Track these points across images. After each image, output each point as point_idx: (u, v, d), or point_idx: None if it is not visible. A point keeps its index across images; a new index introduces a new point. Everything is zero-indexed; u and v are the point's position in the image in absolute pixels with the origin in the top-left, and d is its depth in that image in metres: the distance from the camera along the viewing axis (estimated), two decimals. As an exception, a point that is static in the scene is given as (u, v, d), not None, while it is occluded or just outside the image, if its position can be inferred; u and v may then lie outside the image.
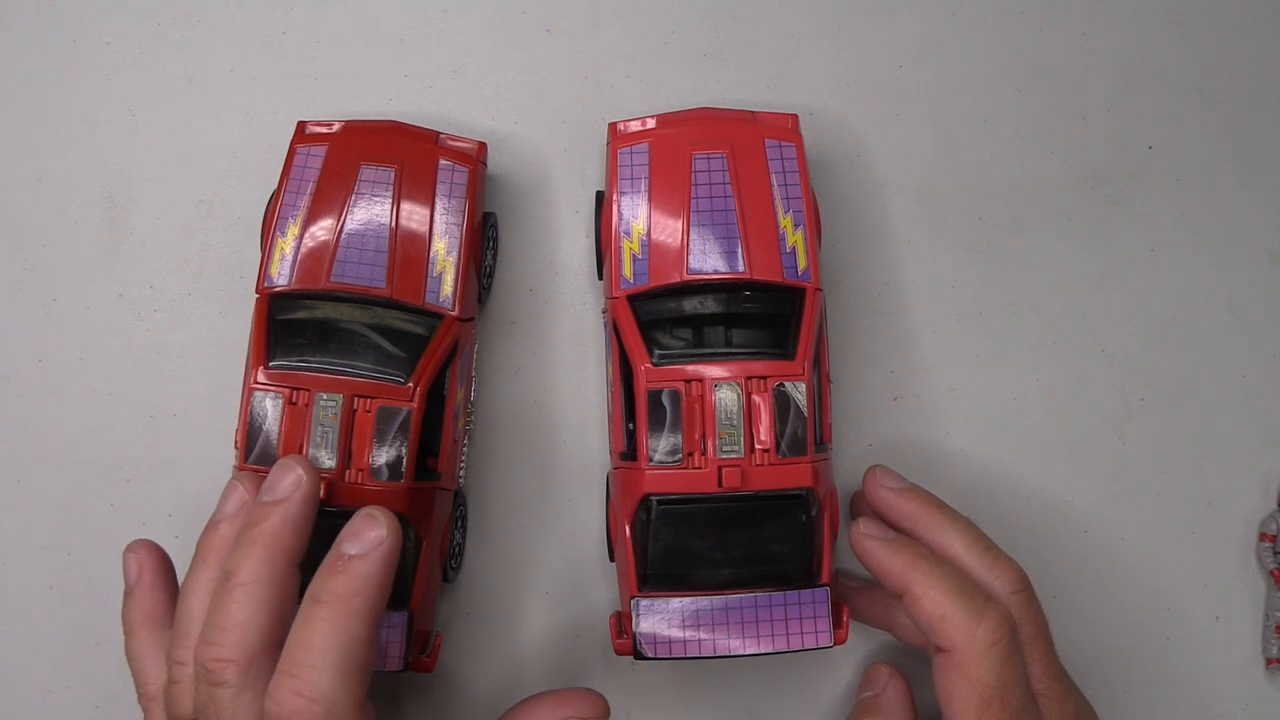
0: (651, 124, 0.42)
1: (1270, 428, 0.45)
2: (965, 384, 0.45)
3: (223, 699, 0.31)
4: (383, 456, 0.37)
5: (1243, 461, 0.45)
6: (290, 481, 0.33)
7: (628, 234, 0.40)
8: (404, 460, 0.37)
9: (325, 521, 0.36)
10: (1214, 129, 0.47)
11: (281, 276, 0.38)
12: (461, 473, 0.42)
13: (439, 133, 0.43)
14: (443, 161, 0.41)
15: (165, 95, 0.46)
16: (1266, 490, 0.45)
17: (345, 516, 0.36)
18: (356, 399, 0.37)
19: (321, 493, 0.35)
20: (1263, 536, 0.44)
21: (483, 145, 0.43)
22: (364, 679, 0.32)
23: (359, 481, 0.36)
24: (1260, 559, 0.44)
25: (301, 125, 0.42)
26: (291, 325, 0.38)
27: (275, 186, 0.40)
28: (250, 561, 0.32)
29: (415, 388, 0.37)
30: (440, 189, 0.40)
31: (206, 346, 0.44)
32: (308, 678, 0.30)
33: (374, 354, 0.38)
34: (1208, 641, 0.44)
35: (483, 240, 0.42)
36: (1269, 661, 0.43)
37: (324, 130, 0.41)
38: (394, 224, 0.39)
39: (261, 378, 0.37)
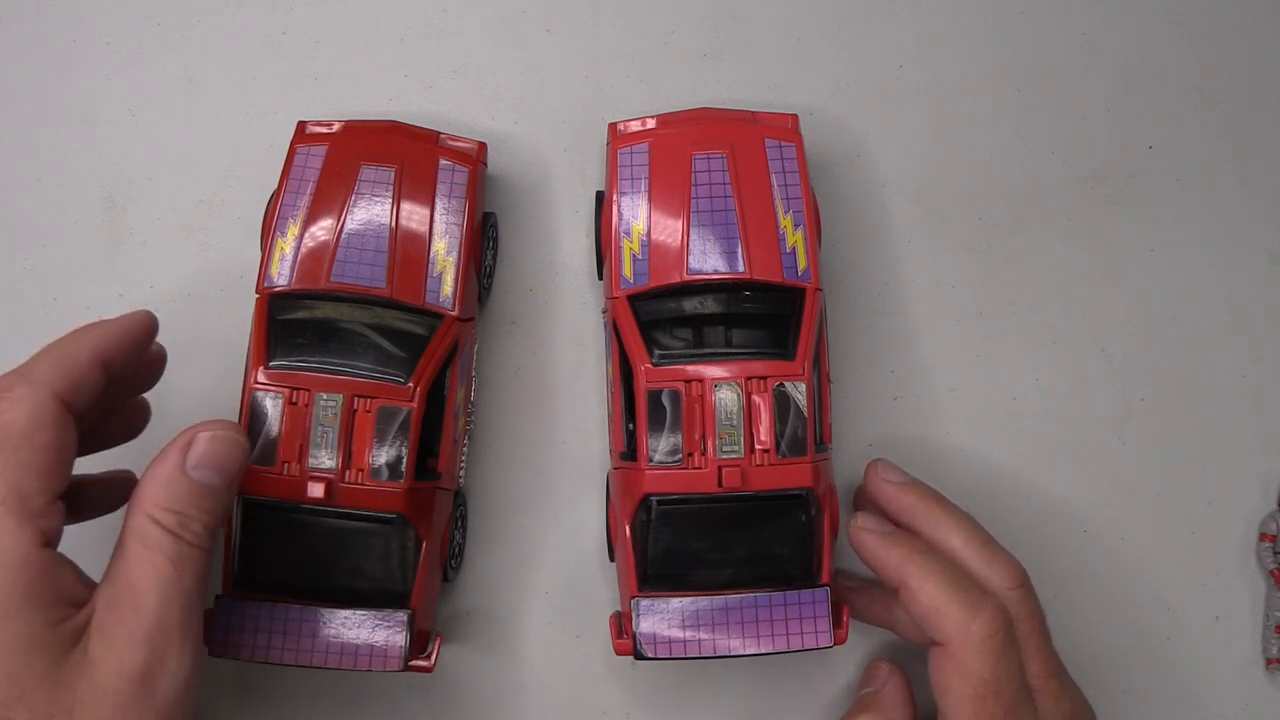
0: (651, 124, 0.42)
1: (1270, 428, 0.45)
2: (965, 384, 0.45)
3: None
4: (383, 456, 0.36)
5: (1243, 461, 0.45)
6: None
7: (628, 234, 0.40)
8: (404, 460, 0.37)
9: (327, 522, 0.36)
10: (1214, 129, 0.47)
11: (281, 276, 0.38)
12: (461, 473, 0.42)
13: (439, 133, 0.43)
14: (443, 161, 0.41)
15: (165, 95, 0.46)
16: (1266, 490, 0.45)
17: (347, 517, 0.36)
18: (356, 399, 0.37)
19: (322, 493, 0.36)
20: (1263, 536, 0.44)
21: (483, 145, 0.43)
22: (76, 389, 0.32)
23: (359, 481, 0.36)
24: (1260, 559, 0.44)
25: (301, 125, 0.42)
26: (292, 325, 0.38)
27: (275, 186, 0.40)
28: None
29: (415, 388, 0.37)
30: (440, 189, 0.40)
31: (206, 346, 0.44)
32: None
33: (374, 354, 0.38)
34: (1208, 641, 0.44)
35: (483, 240, 0.42)
36: (1269, 661, 0.43)
37: (324, 130, 0.41)
38: (394, 224, 0.39)
39: (261, 378, 0.37)
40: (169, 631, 0.30)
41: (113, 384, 0.34)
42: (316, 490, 0.36)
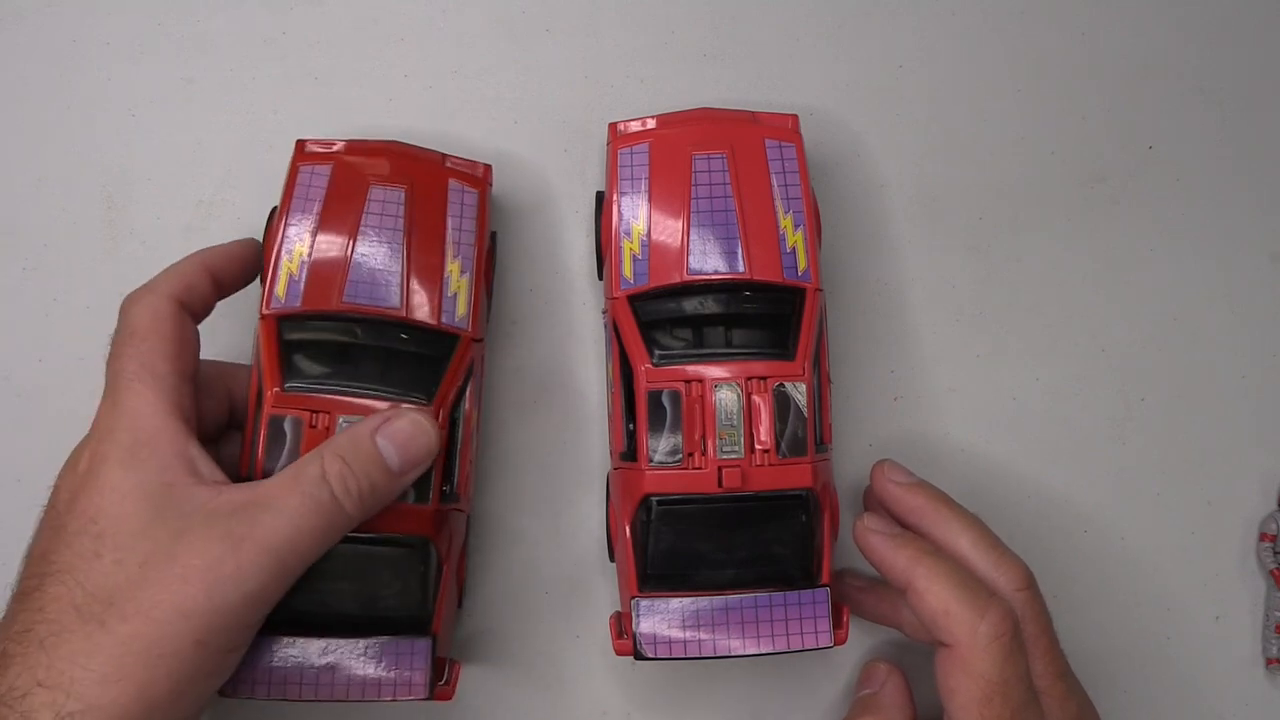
0: (651, 124, 0.42)
1: (1270, 428, 0.45)
2: (965, 384, 0.45)
3: None
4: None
5: (1243, 461, 0.45)
6: None
7: (628, 234, 0.40)
8: (431, 482, 0.36)
9: (351, 547, 0.35)
10: (1214, 129, 0.47)
11: (291, 298, 0.37)
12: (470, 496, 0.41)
13: (445, 154, 0.42)
14: (452, 183, 0.41)
15: (165, 95, 0.46)
16: (1266, 490, 0.45)
17: (372, 542, 0.36)
18: None
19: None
20: (1263, 536, 0.44)
21: (488, 167, 0.43)
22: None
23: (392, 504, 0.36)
24: (1260, 559, 0.44)
25: (301, 144, 0.41)
26: (302, 346, 0.37)
27: (278, 198, 0.39)
28: None
29: (439, 409, 0.37)
30: (451, 210, 0.40)
31: (206, 347, 0.44)
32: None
33: (393, 375, 0.37)
34: (1208, 641, 0.44)
35: (493, 262, 0.42)
36: (1269, 661, 0.43)
37: (324, 150, 0.40)
38: (406, 245, 0.39)
39: (278, 400, 0.36)
40: (258, 558, 0.32)
41: (219, 288, 0.38)
42: None
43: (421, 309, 0.38)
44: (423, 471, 0.36)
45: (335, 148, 0.41)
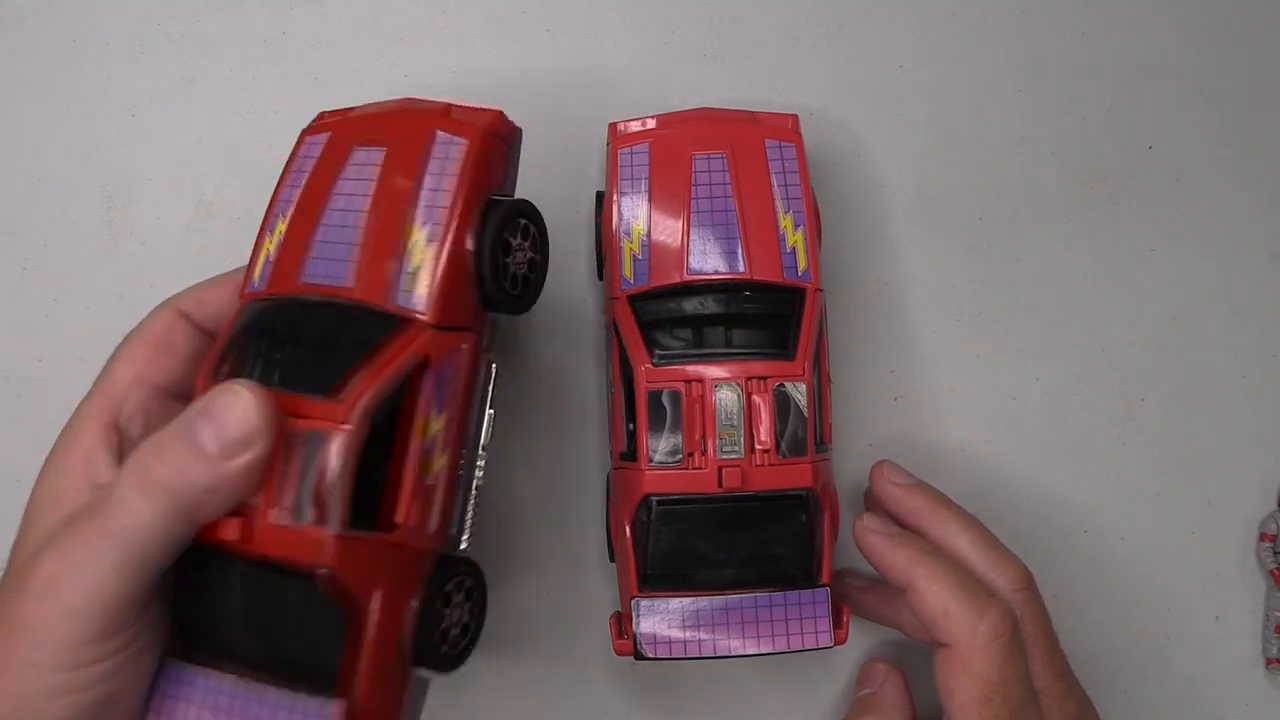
0: (651, 124, 0.42)
1: (1270, 428, 0.45)
2: (965, 384, 0.45)
3: None
4: (307, 492, 0.29)
5: (1243, 461, 0.45)
6: None
7: (628, 234, 0.40)
8: (334, 500, 0.29)
9: (241, 572, 0.30)
10: (1214, 129, 0.47)
11: (262, 280, 0.33)
12: (467, 536, 0.35)
13: (452, 104, 0.35)
14: (440, 134, 0.33)
15: (165, 95, 0.46)
16: (1266, 490, 0.45)
17: (264, 567, 0.29)
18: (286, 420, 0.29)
19: (236, 534, 0.29)
20: (1263, 536, 0.44)
21: (498, 113, 0.35)
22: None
23: (282, 522, 0.29)
24: (1260, 559, 0.44)
25: (320, 116, 0.37)
26: (250, 332, 0.32)
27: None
28: None
29: (352, 406, 0.29)
30: (431, 166, 0.33)
31: (206, 346, 0.44)
32: None
33: (319, 367, 0.30)
34: (1208, 641, 0.44)
35: (495, 233, 0.33)
36: (1269, 661, 0.43)
37: (334, 119, 0.36)
38: (370, 211, 0.33)
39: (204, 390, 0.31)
40: (71, 571, 0.28)
41: None
42: (229, 530, 0.29)
43: (371, 287, 0.32)
44: (257, 454, 0.28)
45: (347, 115, 0.36)
